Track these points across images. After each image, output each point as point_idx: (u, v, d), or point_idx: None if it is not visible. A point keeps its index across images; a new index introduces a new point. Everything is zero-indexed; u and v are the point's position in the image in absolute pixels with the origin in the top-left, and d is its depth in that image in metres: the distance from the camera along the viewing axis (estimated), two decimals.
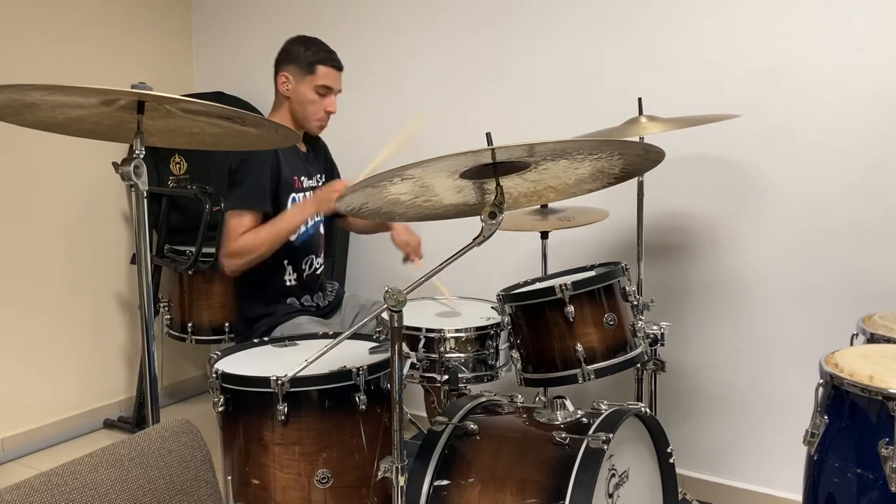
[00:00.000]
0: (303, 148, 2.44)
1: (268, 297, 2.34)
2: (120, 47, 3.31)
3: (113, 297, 3.34)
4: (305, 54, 2.32)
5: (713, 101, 2.41)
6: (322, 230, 2.46)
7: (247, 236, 2.23)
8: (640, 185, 2.29)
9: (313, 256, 2.42)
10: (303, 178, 2.37)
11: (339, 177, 2.59)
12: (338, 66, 2.36)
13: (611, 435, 1.55)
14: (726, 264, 2.46)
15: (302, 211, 2.30)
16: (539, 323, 1.81)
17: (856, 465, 1.45)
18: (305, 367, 1.62)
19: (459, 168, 1.35)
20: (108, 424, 3.27)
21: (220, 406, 1.67)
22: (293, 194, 2.33)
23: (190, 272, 2.97)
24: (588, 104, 2.65)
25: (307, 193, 2.37)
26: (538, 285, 2.01)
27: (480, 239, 1.38)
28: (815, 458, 1.55)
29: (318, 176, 2.48)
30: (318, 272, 2.46)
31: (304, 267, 2.39)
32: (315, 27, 3.21)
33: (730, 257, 2.46)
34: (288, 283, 2.36)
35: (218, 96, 3.44)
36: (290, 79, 2.33)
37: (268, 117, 2.38)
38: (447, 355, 2.06)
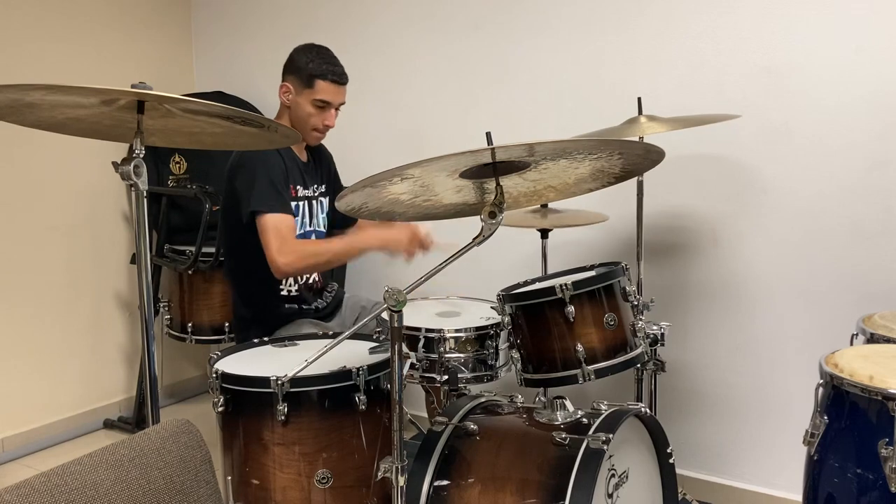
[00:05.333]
0: (303, 157, 2.40)
1: (265, 300, 2.32)
2: (120, 47, 3.31)
3: (113, 297, 3.34)
4: (307, 66, 2.26)
5: (713, 101, 2.41)
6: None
7: (315, 244, 2.23)
8: (640, 185, 2.29)
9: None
10: (298, 186, 2.32)
11: (341, 188, 2.54)
12: (339, 81, 2.29)
13: (611, 435, 1.55)
14: (726, 264, 2.46)
15: (367, 242, 2.21)
16: (539, 323, 1.81)
17: (856, 466, 1.45)
18: (305, 367, 1.62)
19: (459, 168, 1.35)
20: (108, 424, 3.27)
21: (220, 406, 1.67)
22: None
23: (190, 272, 2.97)
24: (588, 104, 2.65)
25: (302, 203, 2.34)
26: (538, 285, 2.01)
27: (480, 239, 1.38)
28: (815, 458, 1.55)
29: (316, 186, 2.43)
30: (318, 279, 2.44)
31: (302, 278, 2.37)
32: (314, 28, 3.22)
33: (730, 257, 2.46)
34: (283, 293, 2.33)
35: (218, 96, 3.44)
36: (290, 89, 2.29)
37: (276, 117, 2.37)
38: (447, 355, 2.06)
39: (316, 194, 2.43)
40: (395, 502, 1.40)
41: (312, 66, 2.26)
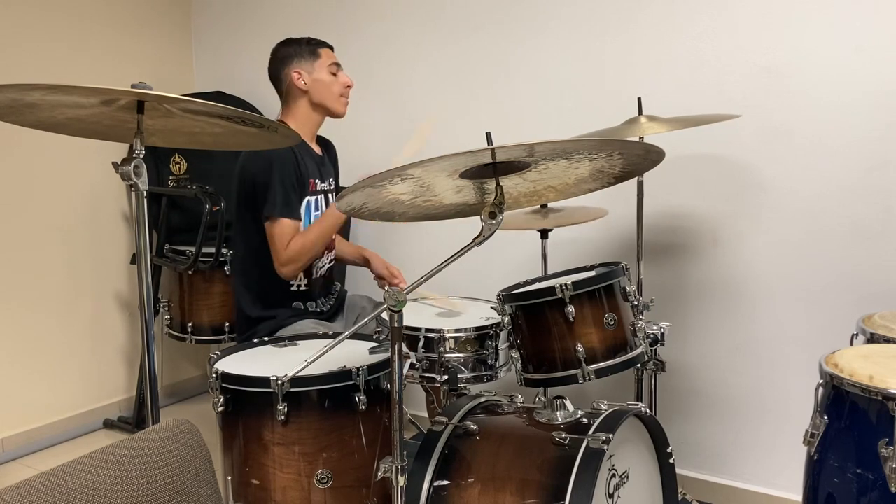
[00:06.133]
0: (317, 150, 2.43)
1: (272, 300, 2.32)
2: (120, 47, 3.31)
3: (113, 297, 3.34)
4: (302, 48, 2.37)
5: (713, 101, 2.41)
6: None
7: (296, 241, 2.24)
8: (640, 185, 2.29)
9: (325, 251, 2.40)
10: (317, 181, 2.35)
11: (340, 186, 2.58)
12: (330, 46, 2.43)
13: (611, 435, 1.55)
14: (726, 264, 2.46)
15: (334, 215, 2.28)
16: (539, 323, 1.81)
17: (856, 466, 1.45)
18: (305, 367, 1.62)
19: (459, 168, 1.35)
20: (108, 424, 3.28)
21: (220, 406, 1.67)
22: (308, 197, 2.31)
23: (190, 272, 2.97)
24: (588, 104, 2.65)
25: (320, 197, 2.36)
26: (538, 285, 2.01)
27: (480, 239, 1.38)
28: (815, 458, 1.55)
29: (331, 180, 2.46)
30: (328, 271, 2.45)
31: (314, 269, 2.38)
32: (315, 28, 3.22)
33: (730, 257, 2.46)
34: (295, 289, 2.34)
35: (218, 96, 3.44)
36: (302, 72, 2.34)
37: (280, 119, 2.39)
38: (447, 355, 2.06)
39: (331, 188, 2.46)
40: (395, 502, 1.40)
41: (305, 45, 2.39)
